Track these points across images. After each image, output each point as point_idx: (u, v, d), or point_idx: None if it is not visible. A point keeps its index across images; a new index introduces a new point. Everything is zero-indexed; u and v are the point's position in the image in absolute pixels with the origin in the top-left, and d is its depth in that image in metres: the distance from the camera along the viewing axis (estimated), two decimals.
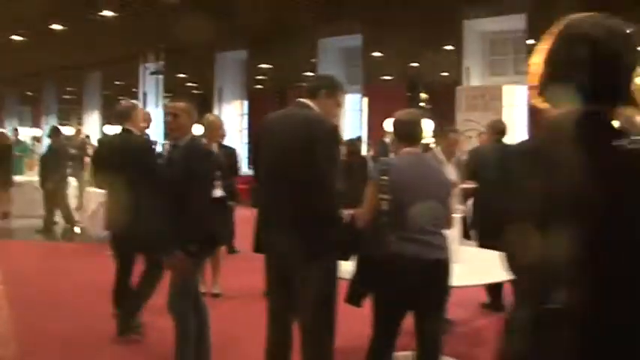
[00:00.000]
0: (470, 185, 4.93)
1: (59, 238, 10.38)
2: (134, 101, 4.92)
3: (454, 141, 5.00)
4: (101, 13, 14.47)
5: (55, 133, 11.73)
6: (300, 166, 2.99)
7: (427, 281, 2.95)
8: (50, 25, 15.85)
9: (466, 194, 5.00)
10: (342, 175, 3.01)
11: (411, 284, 2.92)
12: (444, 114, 11.74)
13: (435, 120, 12.51)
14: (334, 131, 3.07)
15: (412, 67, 15.53)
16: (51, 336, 4.98)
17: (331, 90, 3.22)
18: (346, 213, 3.04)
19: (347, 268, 3.09)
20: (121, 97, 23.48)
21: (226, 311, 5.40)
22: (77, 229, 10.70)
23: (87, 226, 10.00)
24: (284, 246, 3.04)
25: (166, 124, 3.74)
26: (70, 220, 10.81)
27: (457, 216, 3.71)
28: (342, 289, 3.11)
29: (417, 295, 2.97)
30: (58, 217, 11.12)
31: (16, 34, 17.36)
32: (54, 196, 10.70)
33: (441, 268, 2.99)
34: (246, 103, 18.35)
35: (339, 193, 2.96)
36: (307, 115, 3.12)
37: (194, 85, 20.27)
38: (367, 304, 3.12)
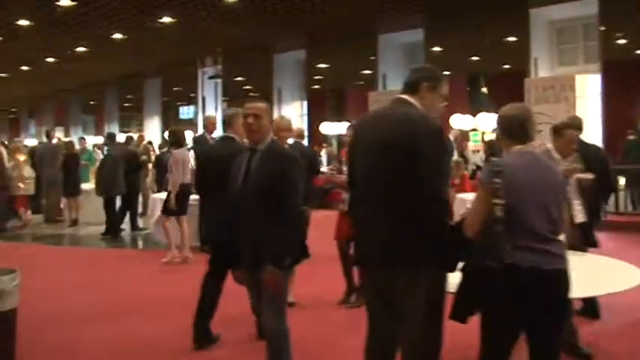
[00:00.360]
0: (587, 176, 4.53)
1: (126, 244, 10.39)
2: (236, 108, 4.75)
3: (571, 137, 4.56)
4: (160, 20, 14.50)
5: (110, 139, 11.81)
6: (401, 171, 2.73)
7: (546, 294, 2.62)
8: (111, 34, 16.02)
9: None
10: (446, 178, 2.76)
11: (528, 298, 2.61)
12: None
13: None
14: (440, 130, 2.79)
15: (474, 60, 15.08)
16: (140, 341, 5.01)
17: (434, 82, 2.94)
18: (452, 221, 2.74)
19: (452, 280, 2.79)
20: (180, 103, 23.94)
21: (302, 321, 5.19)
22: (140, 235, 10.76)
23: (153, 233, 9.97)
24: (385, 257, 2.79)
25: (247, 126, 3.46)
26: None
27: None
28: (447, 304, 2.83)
29: (533, 310, 2.64)
30: (124, 224, 11.21)
31: (80, 46, 17.64)
32: (113, 202, 10.77)
33: (561, 279, 2.66)
34: (305, 103, 18.16)
35: (446, 200, 2.68)
36: (408, 113, 2.84)
37: (250, 87, 20.25)
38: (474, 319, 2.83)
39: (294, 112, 18.39)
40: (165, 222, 8.43)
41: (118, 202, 11.14)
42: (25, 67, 21.71)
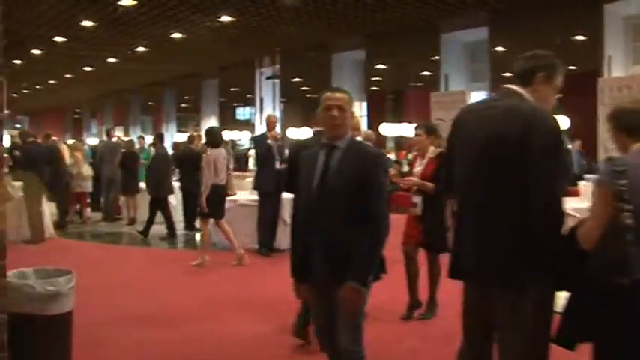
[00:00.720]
0: None
1: (184, 244, 10.27)
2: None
3: None
4: (219, 19, 14.44)
5: (159, 139, 11.74)
6: (508, 174, 2.40)
7: None
8: (171, 34, 16.07)
9: None
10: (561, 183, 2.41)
11: None
12: (580, 109, 10.69)
13: (572, 116, 11.45)
14: (557, 126, 2.43)
15: None
16: (230, 341, 4.94)
17: (550, 72, 2.60)
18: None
19: (560, 299, 2.43)
20: (237, 104, 23.98)
21: (373, 334, 4.89)
22: (197, 236, 10.60)
23: (211, 233, 9.81)
24: (486, 270, 2.47)
25: (330, 120, 2.98)
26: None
27: None
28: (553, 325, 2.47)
29: None
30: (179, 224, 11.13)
31: (140, 46, 17.80)
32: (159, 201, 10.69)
33: None
34: (364, 104, 17.83)
35: (561, 209, 2.33)
36: (518, 106, 2.50)
37: (308, 88, 20.05)
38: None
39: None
40: (203, 225, 8.29)
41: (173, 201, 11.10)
42: (88, 68, 22.13)
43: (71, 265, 7.76)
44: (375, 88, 17.82)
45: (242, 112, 23.71)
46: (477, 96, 15.18)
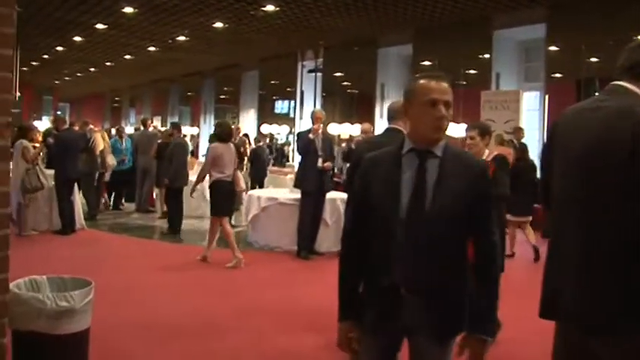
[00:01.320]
0: None
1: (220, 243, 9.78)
2: (399, 100, 3.97)
3: None
4: (263, 8, 13.93)
5: (176, 129, 11.27)
6: (614, 188, 1.89)
7: None
8: (213, 23, 15.63)
9: None
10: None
11: None
12: None
13: None
14: None
15: (592, 62, 13.59)
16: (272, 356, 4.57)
17: None
18: None
19: None
20: (276, 97, 23.47)
21: None
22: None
23: (247, 232, 9.31)
24: (585, 304, 1.94)
25: (434, 119, 2.28)
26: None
27: None
28: None
29: None
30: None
31: (181, 35, 17.41)
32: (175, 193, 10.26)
33: None
34: None
35: None
36: (629, 106, 1.95)
37: (350, 83, 19.43)
38: None
39: None
40: (214, 223, 7.89)
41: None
42: (128, 56, 21.87)
43: (97, 260, 7.40)
44: None
45: (281, 106, 23.21)
46: (530, 96, 14.45)
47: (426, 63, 16.66)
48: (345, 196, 8.74)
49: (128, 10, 14.47)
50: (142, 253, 8.56)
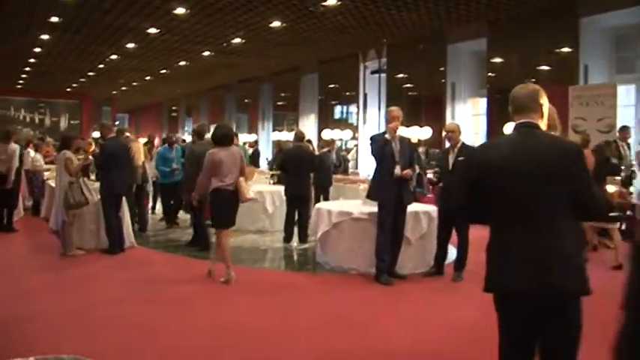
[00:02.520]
0: None
1: (290, 264, 8.62)
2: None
3: None
4: (324, 3, 12.83)
5: (198, 135, 10.12)
6: None
7: None
8: (270, 22, 14.63)
9: None
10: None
11: None
12: None
13: None
14: None
15: None
16: None
17: None
18: None
19: None
20: (337, 102, 22.37)
21: None
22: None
23: (316, 251, 8.13)
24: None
25: None
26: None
27: None
28: None
29: None
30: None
31: (236, 37, 16.49)
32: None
33: None
34: (484, 100, 15.69)
35: None
36: None
37: (413, 85, 18.08)
38: None
39: (469, 111, 16.06)
40: (218, 236, 7.12)
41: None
42: (182, 62, 21.17)
43: (142, 284, 6.33)
44: (497, 81, 15.64)
45: (343, 110, 22.10)
46: (622, 90, 12.85)
47: (503, 58, 15.21)
48: (428, 208, 7.53)
49: (180, 11, 13.63)
50: (194, 277, 7.47)
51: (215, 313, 5.69)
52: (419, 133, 15.60)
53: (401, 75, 18.23)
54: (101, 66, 22.29)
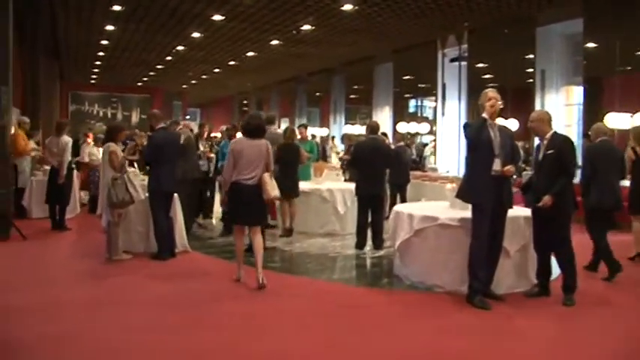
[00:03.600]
0: None
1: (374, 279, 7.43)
2: None
3: None
4: None
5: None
6: None
7: None
8: (341, 5, 13.45)
9: None
10: None
11: None
12: None
13: None
14: None
15: None
16: None
17: None
18: None
19: None
20: (413, 93, 21.00)
21: None
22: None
23: (396, 262, 6.87)
24: None
25: None
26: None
27: None
28: None
29: None
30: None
31: (306, 23, 15.41)
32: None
33: None
34: (578, 89, 13.98)
35: None
36: None
37: (493, 75, 16.49)
38: None
39: (562, 101, 14.37)
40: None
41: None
42: (251, 53, 20.27)
43: (188, 302, 5.32)
44: (594, 68, 13.90)
45: (418, 103, 20.70)
46: None
47: (601, 42, 13.48)
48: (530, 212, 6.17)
49: None
50: (248, 290, 6.42)
51: (266, 343, 4.57)
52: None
53: (481, 64, 16.68)
54: (169, 58, 21.68)
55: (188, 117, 36.74)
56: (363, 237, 8.38)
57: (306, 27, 15.77)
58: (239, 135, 8.42)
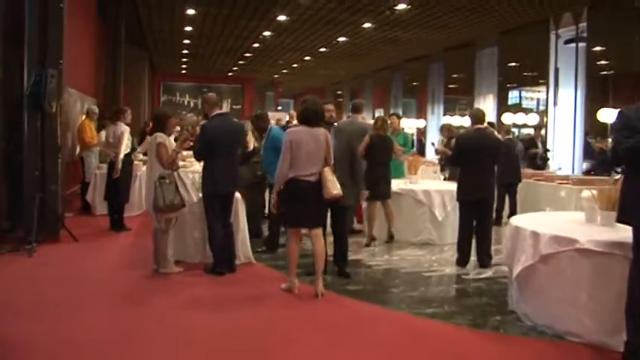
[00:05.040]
0: None
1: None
2: None
3: None
4: None
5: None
6: None
7: None
8: None
9: None
10: None
11: None
12: None
13: None
14: None
15: None
16: None
17: None
18: None
19: None
20: (511, 85, 18.84)
21: None
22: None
23: (513, 294, 5.19)
24: None
25: None
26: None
27: None
28: None
29: None
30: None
31: (401, 2, 13.82)
32: None
33: None
34: None
35: None
36: None
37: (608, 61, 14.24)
38: None
39: None
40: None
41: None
42: (341, 38, 18.83)
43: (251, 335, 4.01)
44: None
45: (525, 93, 18.61)
46: None
47: None
48: None
49: None
50: (320, 319, 4.99)
51: None
52: None
53: (599, 47, 14.46)
54: (256, 45, 20.63)
55: (280, 108, 35.93)
56: (465, 252, 6.77)
57: (401, 6, 14.16)
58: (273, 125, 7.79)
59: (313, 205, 5.47)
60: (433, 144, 12.80)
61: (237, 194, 6.69)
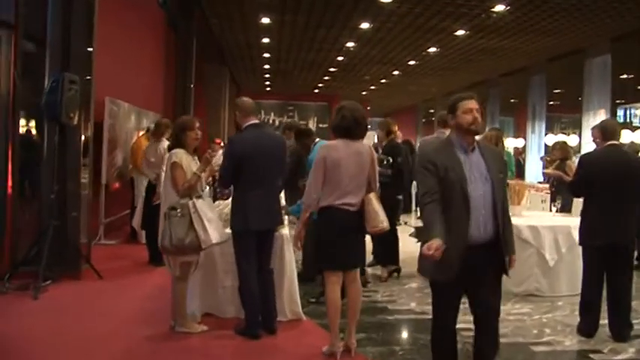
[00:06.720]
0: None
1: None
2: None
3: None
4: None
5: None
6: None
7: None
8: None
9: None
10: None
11: None
12: None
13: None
14: None
15: None
16: None
17: None
18: None
19: None
20: (619, 101, 16.41)
21: None
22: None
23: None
24: None
25: None
26: None
27: None
28: None
29: None
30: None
31: (497, 4, 12.02)
32: None
33: None
34: None
35: None
36: None
37: None
38: None
39: None
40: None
41: None
42: (432, 49, 17.11)
43: None
44: None
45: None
46: None
47: None
48: None
49: None
50: None
51: None
52: None
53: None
54: (340, 58, 19.26)
55: (369, 127, 34.47)
56: (593, 316, 4.87)
57: (499, 7, 12.32)
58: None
59: (354, 240, 4.32)
60: (542, 158, 10.66)
61: (285, 230, 5.18)
